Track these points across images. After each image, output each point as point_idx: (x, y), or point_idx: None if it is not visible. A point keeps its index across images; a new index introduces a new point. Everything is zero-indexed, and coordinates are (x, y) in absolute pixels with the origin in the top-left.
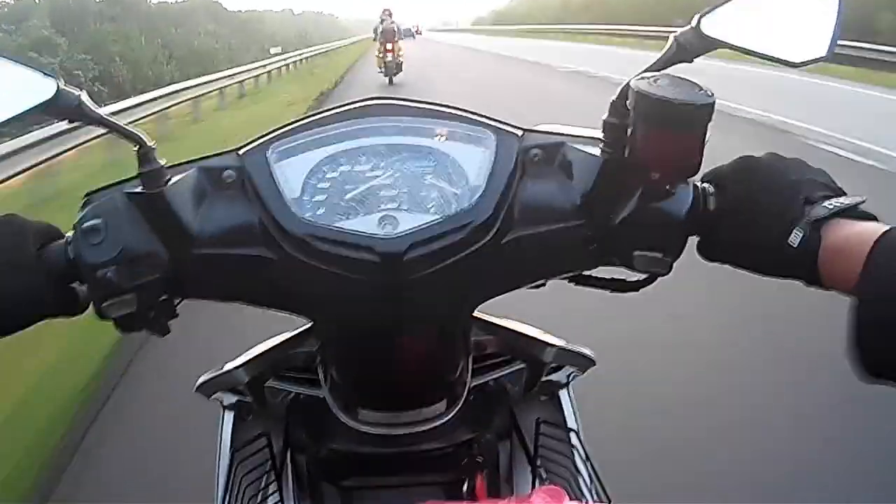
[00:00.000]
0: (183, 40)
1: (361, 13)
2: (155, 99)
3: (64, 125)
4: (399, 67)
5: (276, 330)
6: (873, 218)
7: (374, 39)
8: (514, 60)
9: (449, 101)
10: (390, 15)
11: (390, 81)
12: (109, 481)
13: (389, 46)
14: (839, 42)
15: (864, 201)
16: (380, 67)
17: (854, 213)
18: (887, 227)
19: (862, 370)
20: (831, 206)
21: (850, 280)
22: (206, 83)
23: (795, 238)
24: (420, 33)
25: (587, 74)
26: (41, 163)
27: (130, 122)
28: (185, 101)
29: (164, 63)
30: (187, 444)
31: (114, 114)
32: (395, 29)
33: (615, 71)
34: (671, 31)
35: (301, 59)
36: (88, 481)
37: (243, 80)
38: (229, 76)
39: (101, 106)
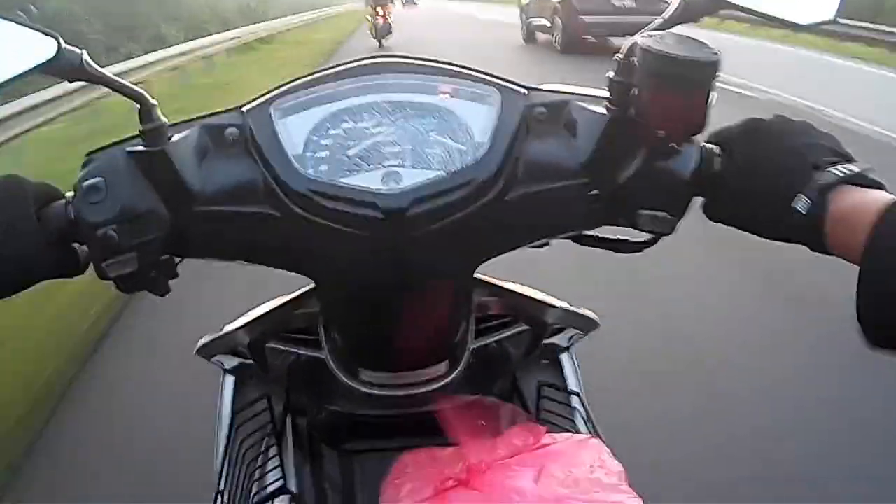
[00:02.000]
0: None
1: None
2: None
3: None
4: (389, 31)
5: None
6: (881, 186)
7: (366, 4)
8: None
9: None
10: None
11: (380, 44)
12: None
13: (380, 11)
14: None
15: (872, 168)
16: (370, 31)
17: (862, 180)
18: (894, 199)
19: (868, 340)
20: (839, 173)
21: (856, 249)
22: None
23: (801, 204)
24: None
25: None
26: None
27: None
28: None
29: None
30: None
31: None
32: None
33: None
34: None
35: None
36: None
37: None
38: None
39: None
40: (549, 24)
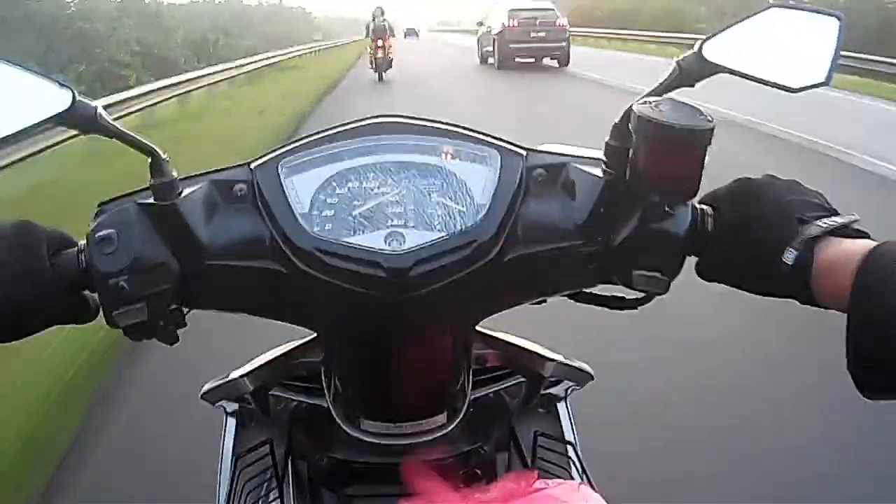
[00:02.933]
0: None
1: (347, 10)
2: None
3: None
4: (389, 64)
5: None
6: (866, 235)
7: (367, 37)
8: None
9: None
10: (382, 13)
11: (380, 77)
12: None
13: (380, 44)
14: None
15: (857, 220)
16: (370, 64)
17: (846, 231)
18: (876, 244)
19: (860, 388)
20: (823, 225)
21: (843, 298)
22: None
23: (789, 257)
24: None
25: None
26: None
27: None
28: None
29: None
30: None
31: None
32: (387, 27)
33: None
34: None
35: None
36: None
37: None
38: None
39: None
40: (492, 50)
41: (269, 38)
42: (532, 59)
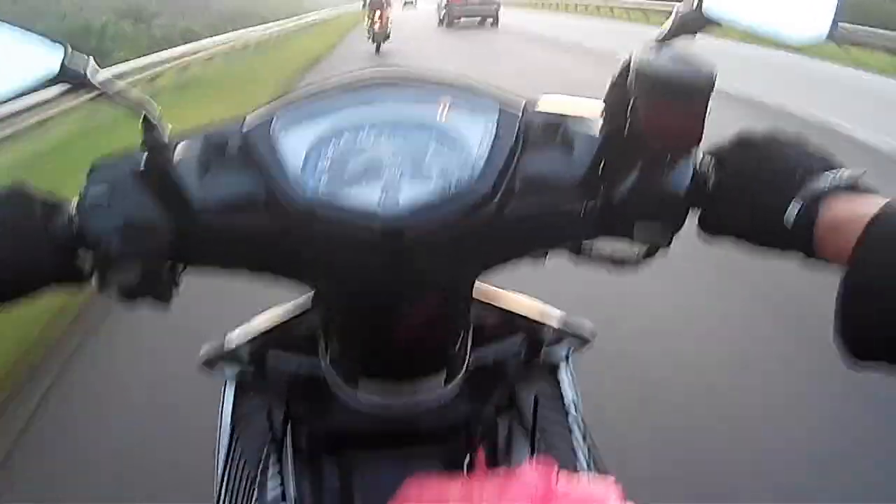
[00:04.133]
0: None
1: None
2: None
3: None
4: (387, 36)
5: None
6: (873, 192)
7: (363, 7)
8: None
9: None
10: None
11: (377, 49)
12: None
13: (378, 16)
14: None
15: (864, 175)
16: (368, 36)
17: (853, 187)
18: (886, 200)
19: (848, 352)
20: (830, 180)
21: (847, 254)
22: None
23: (793, 212)
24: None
25: None
26: None
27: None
28: None
29: None
30: None
31: None
32: None
33: None
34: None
35: None
36: None
37: None
38: None
39: None
40: (444, 14)
41: (224, 17)
42: (477, 18)
